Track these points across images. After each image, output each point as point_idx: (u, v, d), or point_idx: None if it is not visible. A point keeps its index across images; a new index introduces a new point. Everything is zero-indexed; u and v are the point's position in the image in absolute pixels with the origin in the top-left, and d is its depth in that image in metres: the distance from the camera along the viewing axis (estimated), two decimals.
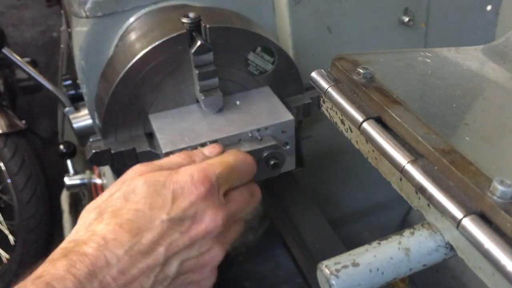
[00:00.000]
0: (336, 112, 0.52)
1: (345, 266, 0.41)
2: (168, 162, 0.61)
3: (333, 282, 0.40)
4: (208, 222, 0.56)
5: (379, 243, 0.43)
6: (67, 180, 1.60)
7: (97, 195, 1.45)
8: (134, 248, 0.51)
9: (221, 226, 0.57)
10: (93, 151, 0.70)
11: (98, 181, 1.45)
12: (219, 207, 0.57)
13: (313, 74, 0.54)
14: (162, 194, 0.54)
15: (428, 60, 0.56)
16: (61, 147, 1.58)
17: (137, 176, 0.57)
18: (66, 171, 1.63)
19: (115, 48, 0.79)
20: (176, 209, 0.54)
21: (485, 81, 0.55)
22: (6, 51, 1.33)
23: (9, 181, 1.94)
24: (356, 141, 0.50)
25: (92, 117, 0.86)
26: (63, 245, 0.52)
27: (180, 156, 0.62)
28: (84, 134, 0.87)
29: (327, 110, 0.55)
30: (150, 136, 0.73)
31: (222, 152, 0.65)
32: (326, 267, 0.41)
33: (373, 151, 0.47)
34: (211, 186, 0.56)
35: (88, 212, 0.56)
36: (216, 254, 0.58)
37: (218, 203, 0.57)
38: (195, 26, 0.68)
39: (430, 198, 0.39)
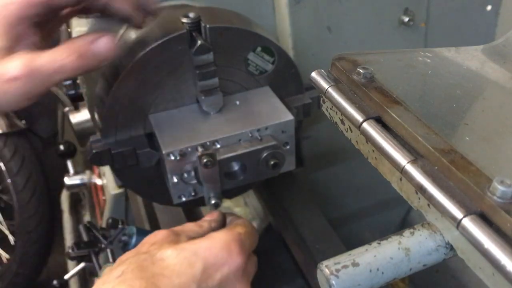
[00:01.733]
0: (336, 112, 0.52)
1: (345, 266, 0.41)
2: (183, 230, 0.59)
3: (333, 282, 0.40)
4: None
5: (379, 243, 0.43)
6: (67, 180, 1.60)
7: (97, 195, 1.45)
8: None
9: None
10: (93, 151, 0.70)
11: (98, 181, 1.45)
12: (247, 280, 0.55)
13: (313, 74, 0.54)
14: (193, 263, 0.51)
15: (428, 60, 0.56)
16: (61, 147, 1.58)
17: (165, 244, 0.54)
18: (66, 171, 1.63)
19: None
20: (208, 280, 0.51)
21: (485, 81, 0.55)
22: None
23: (9, 181, 1.94)
24: (356, 141, 0.50)
25: (92, 117, 0.86)
26: None
27: (191, 224, 0.61)
28: (84, 134, 0.87)
29: (327, 110, 0.55)
30: (150, 136, 0.73)
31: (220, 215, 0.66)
32: (326, 267, 0.41)
33: (373, 151, 0.47)
34: (245, 257, 0.54)
35: (112, 270, 0.52)
36: None
37: (247, 275, 0.55)
38: (195, 26, 0.68)
39: (430, 198, 0.39)
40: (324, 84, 0.52)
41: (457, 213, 0.37)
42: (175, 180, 0.70)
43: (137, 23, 0.60)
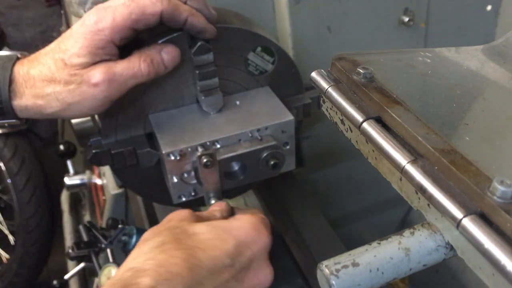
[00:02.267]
0: (336, 112, 0.52)
1: (345, 266, 0.41)
2: (201, 214, 0.62)
3: (333, 282, 0.40)
4: (263, 277, 0.56)
5: (379, 243, 0.43)
6: (67, 180, 1.60)
7: (97, 195, 1.45)
8: None
9: (271, 281, 0.57)
10: (93, 151, 0.70)
11: (98, 181, 1.45)
12: (269, 265, 0.57)
13: (313, 74, 0.54)
14: (225, 239, 0.54)
15: (428, 60, 0.56)
16: (61, 147, 1.58)
17: (194, 221, 0.57)
18: (66, 171, 1.63)
19: None
20: (240, 257, 0.54)
21: (485, 81, 0.55)
22: (6, 51, 1.33)
23: (9, 181, 1.93)
24: (356, 141, 0.50)
25: (92, 117, 0.86)
26: (120, 275, 0.50)
27: (206, 213, 0.63)
28: (84, 134, 0.87)
29: (327, 110, 0.55)
30: (150, 136, 0.73)
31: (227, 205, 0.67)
32: (326, 267, 0.41)
33: (373, 151, 0.47)
34: (270, 237, 0.57)
35: (146, 241, 0.54)
36: None
37: (267, 256, 0.58)
38: None
39: (430, 198, 0.39)
40: (324, 84, 0.52)
41: (457, 213, 0.37)
42: (175, 180, 0.70)
43: (211, 34, 0.66)
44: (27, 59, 0.64)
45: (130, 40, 0.63)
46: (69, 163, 1.65)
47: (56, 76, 0.61)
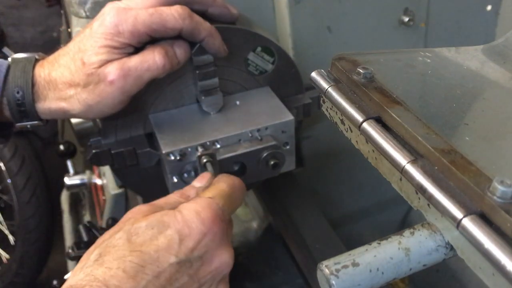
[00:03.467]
0: (336, 112, 0.52)
1: (345, 266, 0.41)
2: (166, 202, 0.58)
3: (333, 282, 0.40)
4: (218, 263, 0.53)
5: (379, 243, 0.43)
6: (67, 180, 1.60)
7: (97, 195, 1.45)
8: None
9: (231, 265, 0.54)
10: (93, 151, 0.70)
11: (98, 181, 1.45)
12: (227, 244, 0.54)
13: (313, 74, 0.54)
14: (168, 235, 0.51)
15: (428, 60, 0.56)
16: (61, 147, 1.58)
17: (139, 217, 0.54)
18: (66, 171, 1.63)
19: None
20: (185, 250, 0.51)
21: (485, 81, 0.55)
22: (6, 51, 1.33)
23: (9, 181, 1.94)
24: (356, 141, 0.50)
25: None
26: None
27: (176, 194, 0.60)
28: (84, 134, 0.87)
29: (327, 110, 0.55)
30: (150, 136, 0.73)
31: (211, 178, 0.63)
32: (326, 267, 0.41)
33: (373, 151, 0.47)
34: (220, 223, 0.53)
35: (88, 254, 0.52)
36: None
37: (226, 239, 0.54)
38: None
39: (430, 198, 0.39)
40: (324, 84, 0.52)
41: (457, 213, 0.37)
42: (175, 180, 0.70)
43: (221, 55, 0.68)
44: (46, 61, 0.64)
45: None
46: (69, 163, 1.65)
47: (75, 77, 0.61)
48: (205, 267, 0.52)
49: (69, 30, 0.91)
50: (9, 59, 0.64)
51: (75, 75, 0.61)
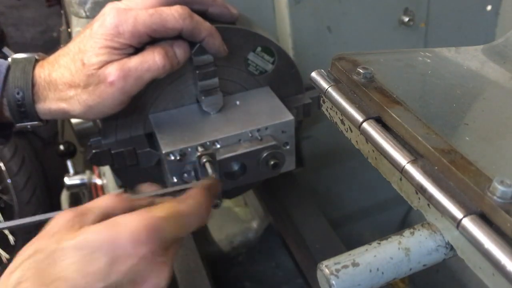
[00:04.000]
0: (336, 112, 0.52)
1: (345, 266, 0.41)
2: (99, 207, 0.51)
3: (333, 282, 0.40)
4: (150, 285, 0.48)
5: (379, 243, 0.43)
6: (67, 180, 1.60)
7: (97, 195, 1.45)
8: None
9: (167, 284, 0.49)
10: (93, 151, 0.70)
11: (98, 181, 1.45)
12: (163, 267, 0.49)
13: (313, 74, 0.54)
14: (97, 257, 0.46)
15: (428, 60, 0.56)
16: (61, 147, 1.58)
17: (65, 232, 0.48)
18: (66, 171, 1.63)
19: None
20: (114, 275, 0.46)
21: (485, 81, 0.55)
22: (6, 51, 1.33)
23: (9, 181, 1.94)
24: (356, 141, 0.50)
25: None
26: None
27: (114, 198, 0.54)
28: (84, 134, 0.87)
29: (327, 110, 0.55)
30: (150, 136, 0.73)
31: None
32: (326, 267, 0.41)
33: (373, 151, 0.47)
34: (156, 247, 0.48)
35: (8, 276, 0.46)
36: None
37: (162, 261, 0.49)
38: None
39: (430, 198, 0.39)
40: (324, 84, 0.52)
41: (457, 213, 0.37)
42: (175, 180, 0.70)
43: (221, 55, 0.68)
44: (46, 61, 0.64)
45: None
46: (69, 163, 1.65)
47: (76, 78, 0.61)
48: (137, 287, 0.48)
49: (69, 30, 0.91)
50: (9, 59, 0.64)
51: (75, 76, 0.61)
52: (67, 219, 0.50)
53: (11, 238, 2.05)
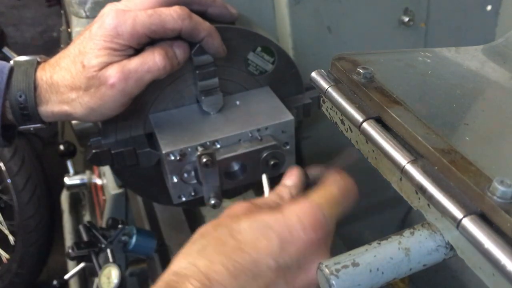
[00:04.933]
0: (336, 112, 0.52)
1: (345, 266, 0.41)
2: (265, 202, 0.56)
3: (333, 282, 0.40)
4: (313, 274, 0.50)
5: (379, 243, 0.43)
6: (67, 180, 1.60)
7: (97, 195, 1.45)
8: None
9: None
10: (93, 151, 0.70)
11: (98, 181, 1.45)
12: (326, 253, 0.52)
13: (313, 74, 0.54)
14: (269, 237, 0.50)
15: (428, 60, 0.56)
16: (61, 147, 1.58)
17: (241, 215, 0.53)
18: (66, 171, 1.63)
19: None
20: (284, 256, 0.49)
21: (485, 81, 0.55)
22: (6, 51, 1.33)
23: (9, 181, 1.94)
24: (356, 141, 0.50)
25: None
26: (166, 277, 0.48)
27: (272, 195, 0.58)
28: (84, 134, 0.87)
29: (327, 110, 0.55)
30: (150, 136, 0.73)
31: (301, 175, 0.61)
32: (326, 267, 0.41)
33: (373, 151, 0.47)
34: (321, 231, 0.51)
35: (192, 243, 0.52)
36: None
37: (326, 249, 0.52)
38: None
39: (430, 198, 0.39)
40: (324, 84, 0.52)
41: (457, 213, 0.37)
42: (175, 180, 0.70)
43: (221, 55, 0.68)
44: (48, 64, 0.64)
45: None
46: (69, 163, 1.65)
47: (77, 80, 0.61)
48: (302, 276, 0.50)
49: (69, 30, 0.91)
50: (11, 62, 0.64)
51: (76, 78, 0.61)
52: (244, 207, 0.55)
53: (11, 238, 2.05)
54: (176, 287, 0.46)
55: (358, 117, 0.47)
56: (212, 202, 0.71)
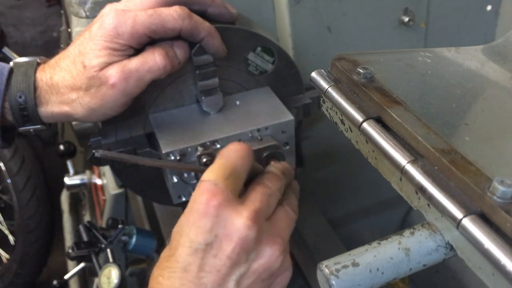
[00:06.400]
0: (336, 112, 0.52)
1: (345, 266, 0.41)
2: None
3: (333, 282, 0.40)
4: (236, 237, 0.51)
5: (379, 243, 0.43)
6: (67, 180, 1.60)
7: (97, 195, 1.45)
8: None
9: (248, 234, 0.51)
10: (93, 151, 0.70)
11: (98, 181, 1.45)
12: (238, 210, 0.52)
13: (313, 74, 0.54)
14: (182, 231, 0.53)
15: (428, 60, 0.56)
16: (61, 147, 1.58)
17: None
18: (66, 171, 1.63)
19: None
20: (198, 238, 0.51)
21: (485, 81, 0.55)
22: (6, 51, 1.33)
23: (9, 181, 1.94)
24: (356, 141, 0.50)
25: None
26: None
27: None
28: (84, 134, 0.87)
29: (327, 110, 0.55)
30: (150, 136, 0.73)
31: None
32: (326, 267, 0.41)
33: (373, 151, 0.47)
34: (216, 197, 0.51)
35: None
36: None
37: (236, 203, 0.52)
38: None
39: (430, 198, 0.39)
40: (324, 84, 0.52)
41: (457, 213, 0.37)
42: (175, 180, 0.70)
43: (221, 55, 0.68)
44: (47, 65, 0.64)
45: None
46: (69, 163, 1.65)
47: (77, 81, 0.61)
48: (227, 241, 0.51)
49: (69, 30, 0.91)
50: (11, 63, 0.64)
51: (77, 78, 0.61)
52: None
53: (11, 238, 2.05)
54: None
55: (358, 117, 0.47)
56: None
